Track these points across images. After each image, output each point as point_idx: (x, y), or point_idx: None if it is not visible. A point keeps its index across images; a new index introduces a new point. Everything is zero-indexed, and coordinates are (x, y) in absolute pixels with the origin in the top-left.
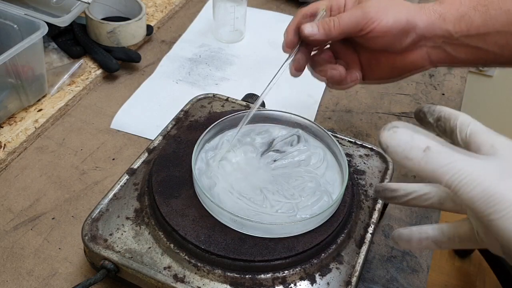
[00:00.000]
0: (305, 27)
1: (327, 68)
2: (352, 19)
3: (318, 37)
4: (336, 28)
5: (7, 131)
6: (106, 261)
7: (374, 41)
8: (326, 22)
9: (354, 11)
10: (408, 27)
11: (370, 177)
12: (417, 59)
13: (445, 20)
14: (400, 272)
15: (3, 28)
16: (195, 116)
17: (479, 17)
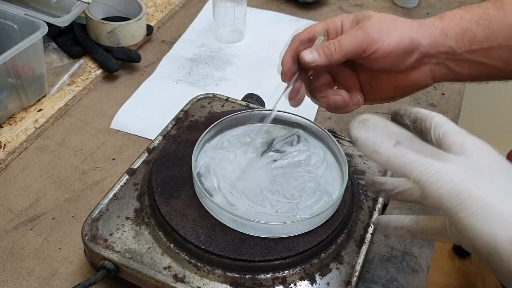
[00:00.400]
0: (305, 54)
1: (328, 94)
2: (354, 42)
3: (319, 63)
4: (338, 51)
5: (7, 131)
6: (106, 261)
7: (377, 62)
8: (326, 46)
9: (355, 32)
10: (412, 46)
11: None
12: (420, 77)
13: (447, 36)
14: (400, 272)
15: (3, 28)
16: (195, 116)
17: (481, 31)
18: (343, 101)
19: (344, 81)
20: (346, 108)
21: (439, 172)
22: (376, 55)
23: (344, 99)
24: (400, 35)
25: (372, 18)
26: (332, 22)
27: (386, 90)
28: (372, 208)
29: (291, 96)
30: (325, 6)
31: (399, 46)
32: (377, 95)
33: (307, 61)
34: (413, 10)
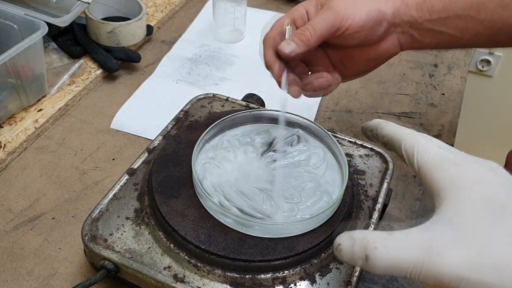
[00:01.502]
0: (283, 47)
1: (311, 79)
2: (326, 22)
3: (299, 51)
4: (313, 35)
5: (7, 131)
6: (106, 261)
7: (351, 38)
8: (301, 33)
9: (325, 13)
10: (380, 17)
11: (370, 177)
12: (389, 46)
13: (408, 6)
14: None
15: (3, 28)
16: (195, 116)
17: (438, 1)
18: (327, 82)
19: (317, 65)
20: (329, 89)
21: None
22: (349, 31)
23: (328, 80)
24: (368, 8)
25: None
26: (295, 11)
27: (358, 65)
28: (372, 208)
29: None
30: None
31: (369, 18)
32: (351, 71)
33: (287, 52)
34: None
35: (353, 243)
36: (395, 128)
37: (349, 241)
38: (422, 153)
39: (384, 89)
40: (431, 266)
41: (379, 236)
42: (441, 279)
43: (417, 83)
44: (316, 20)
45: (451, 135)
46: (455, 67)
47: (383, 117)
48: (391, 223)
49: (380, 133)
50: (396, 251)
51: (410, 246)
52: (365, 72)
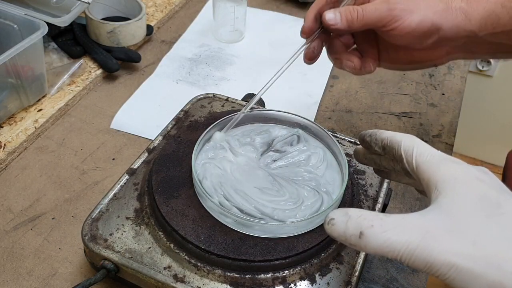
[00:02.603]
0: (328, 14)
1: (342, 57)
2: (376, 14)
3: (339, 27)
4: (360, 20)
5: (7, 131)
6: (106, 261)
7: (394, 38)
8: (350, 11)
9: (380, 5)
10: (432, 30)
11: (370, 177)
12: (436, 56)
13: (470, 21)
14: (400, 272)
15: (3, 28)
16: (195, 116)
17: (506, 14)
18: (353, 67)
19: (363, 44)
20: (358, 72)
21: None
22: (395, 32)
23: (355, 66)
24: (423, 17)
25: None
26: None
27: (401, 61)
28: (372, 208)
29: (307, 54)
30: None
31: (419, 28)
32: (392, 63)
33: (328, 22)
34: None
35: (348, 219)
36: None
37: (343, 216)
38: (421, 152)
39: (384, 89)
40: (424, 250)
41: (376, 216)
42: (431, 264)
43: (417, 83)
44: (369, 7)
45: (451, 135)
46: (455, 67)
47: (383, 117)
48: None
49: (380, 137)
50: (392, 232)
51: (406, 228)
52: (404, 69)
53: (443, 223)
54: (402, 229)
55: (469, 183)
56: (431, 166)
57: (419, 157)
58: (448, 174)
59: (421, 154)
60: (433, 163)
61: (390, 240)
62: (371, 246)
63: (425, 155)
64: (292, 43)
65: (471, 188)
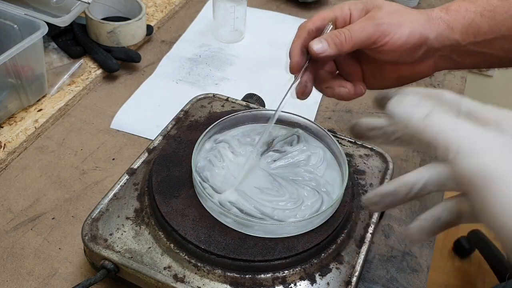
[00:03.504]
0: (314, 44)
1: (333, 85)
2: (364, 32)
3: (329, 53)
4: (348, 41)
5: (7, 131)
6: (106, 261)
7: (385, 54)
8: (336, 35)
9: (366, 22)
10: (421, 41)
11: (370, 177)
12: (424, 68)
13: (453, 30)
14: (400, 272)
15: (3, 28)
16: (195, 116)
17: (485, 23)
18: (347, 93)
19: (347, 70)
20: (349, 98)
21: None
22: (385, 47)
23: (349, 91)
24: (411, 29)
25: (382, 9)
26: (340, 10)
27: (388, 80)
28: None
29: (299, 90)
30: (325, 6)
31: (409, 40)
32: (379, 84)
33: (316, 51)
34: None
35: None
36: None
37: None
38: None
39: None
40: None
41: None
42: None
43: (417, 83)
44: (355, 27)
45: None
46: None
47: (383, 117)
48: (391, 223)
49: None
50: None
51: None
52: (394, 87)
53: None
54: None
55: None
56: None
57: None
58: None
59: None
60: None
61: None
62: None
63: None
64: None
65: None
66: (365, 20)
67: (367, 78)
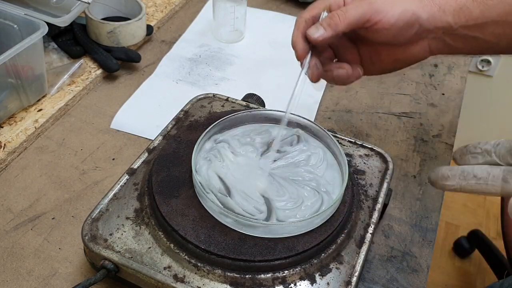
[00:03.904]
0: (311, 31)
1: (332, 67)
2: (359, 11)
3: (327, 35)
4: (343, 20)
5: (7, 131)
6: (106, 261)
7: (379, 34)
8: (330, 17)
9: (360, 3)
10: (413, 19)
11: (370, 177)
12: (419, 51)
13: (445, 12)
14: (400, 272)
15: (3, 28)
16: (195, 116)
17: (477, 7)
18: (346, 74)
19: (345, 55)
20: (348, 80)
21: None
22: (379, 25)
23: (347, 72)
24: (404, 7)
25: None
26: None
27: (385, 63)
28: (372, 208)
29: (312, 74)
30: None
31: (402, 18)
32: (377, 68)
33: (315, 37)
34: None
35: None
36: None
37: None
38: None
39: (384, 89)
40: None
41: None
42: None
43: (417, 83)
44: (349, 7)
45: (451, 135)
46: (455, 67)
47: (383, 117)
48: (391, 223)
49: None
50: None
51: None
52: (391, 71)
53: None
54: None
55: None
56: None
57: None
58: None
59: None
60: None
61: None
62: None
63: None
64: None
65: None
66: (359, 1)
67: (364, 62)
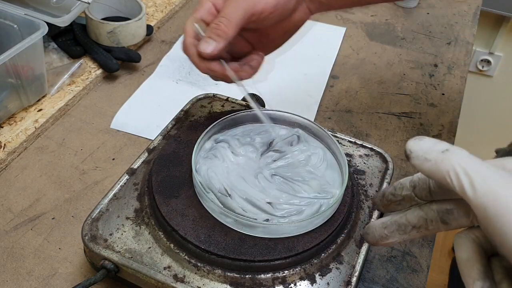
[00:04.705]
0: (203, 48)
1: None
2: (240, 10)
3: (221, 46)
4: (229, 26)
5: (7, 131)
6: (106, 261)
7: (268, 19)
8: (215, 27)
9: (235, 2)
10: None
11: (370, 177)
12: (301, 15)
13: None
14: (400, 272)
15: (3, 28)
16: (195, 116)
17: None
18: (258, 63)
19: (238, 50)
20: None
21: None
22: (264, 13)
23: (259, 60)
24: None
25: None
26: (201, 8)
27: (276, 40)
28: (372, 208)
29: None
30: None
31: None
32: (270, 47)
33: (209, 52)
34: (413, 10)
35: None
36: None
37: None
38: None
39: (384, 89)
40: None
41: None
42: None
43: (417, 83)
44: (227, 10)
45: (451, 135)
46: (455, 67)
47: (383, 117)
48: None
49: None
50: None
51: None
52: (283, 43)
53: None
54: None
55: None
56: None
57: None
58: None
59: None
60: None
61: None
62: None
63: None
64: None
65: None
66: (231, 1)
67: (257, 47)
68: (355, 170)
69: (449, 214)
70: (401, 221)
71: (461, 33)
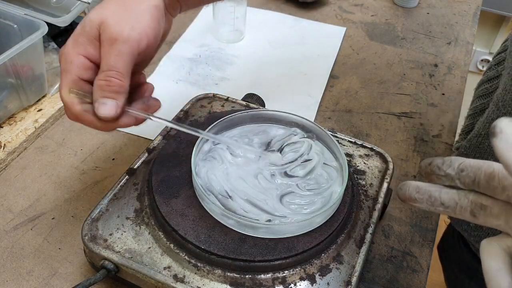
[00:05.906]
0: (102, 111)
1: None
2: (125, 56)
3: (122, 102)
4: (122, 77)
5: (7, 131)
6: (106, 261)
7: (153, 48)
8: (107, 84)
9: (115, 49)
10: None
11: (370, 177)
12: (169, 24)
13: None
14: (400, 272)
15: (3, 28)
16: (195, 116)
17: None
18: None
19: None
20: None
21: None
22: (150, 46)
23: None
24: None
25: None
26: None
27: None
28: (372, 208)
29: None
30: (325, 6)
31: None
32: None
33: (114, 114)
34: (413, 10)
35: None
36: None
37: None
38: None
39: (384, 89)
40: None
41: None
42: None
43: (417, 83)
44: (111, 61)
45: (451, 135)
46: (455, 67)
47: (383, 117)
48: (391, 223)
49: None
50: None
51: None
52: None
53: None
54: None
55: None
56: None
57: None
58: None
59: None
60: None
61: None
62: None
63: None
64: (292, 43)
65: None
66: (112, 46)
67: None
68: (355, 170)
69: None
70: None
71: (461, 33)
